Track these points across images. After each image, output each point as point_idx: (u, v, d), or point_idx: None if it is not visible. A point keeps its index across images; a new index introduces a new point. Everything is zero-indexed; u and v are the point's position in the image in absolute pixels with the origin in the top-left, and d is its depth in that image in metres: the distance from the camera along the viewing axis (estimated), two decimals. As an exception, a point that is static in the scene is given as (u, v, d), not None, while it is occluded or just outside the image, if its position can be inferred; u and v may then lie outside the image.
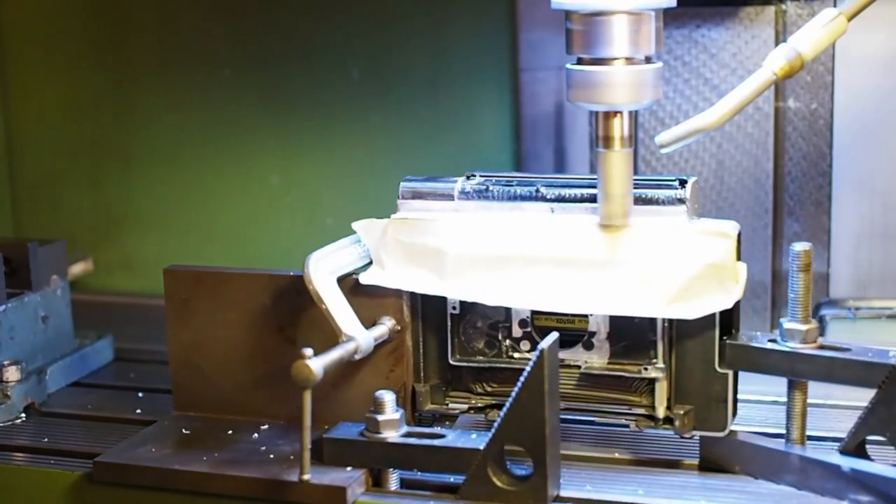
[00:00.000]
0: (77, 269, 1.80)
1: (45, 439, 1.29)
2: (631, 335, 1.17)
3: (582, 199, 1.18)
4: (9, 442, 1.29)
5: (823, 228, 1.57)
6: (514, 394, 1.08)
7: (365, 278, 1.20)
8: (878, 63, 1.51)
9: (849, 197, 1.57)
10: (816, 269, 1.57)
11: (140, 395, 1.41)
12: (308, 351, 1.07)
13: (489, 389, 1.23)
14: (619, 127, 1.13)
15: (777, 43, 1.48)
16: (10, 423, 1.34)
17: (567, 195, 1.18)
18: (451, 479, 1.14)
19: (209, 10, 1.79)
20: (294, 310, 1.23)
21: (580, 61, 1.13)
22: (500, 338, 1.21)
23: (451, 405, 1.23)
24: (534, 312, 1.19)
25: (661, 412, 1.17)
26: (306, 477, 1.09)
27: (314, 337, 1.22)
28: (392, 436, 1.13)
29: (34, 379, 1.37)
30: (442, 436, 1.13)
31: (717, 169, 1.53)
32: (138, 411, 1.36)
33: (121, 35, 1.83)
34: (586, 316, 1.18)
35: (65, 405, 1.39)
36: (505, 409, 1.09)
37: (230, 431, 1.24)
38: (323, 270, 1.16)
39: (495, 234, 1.18)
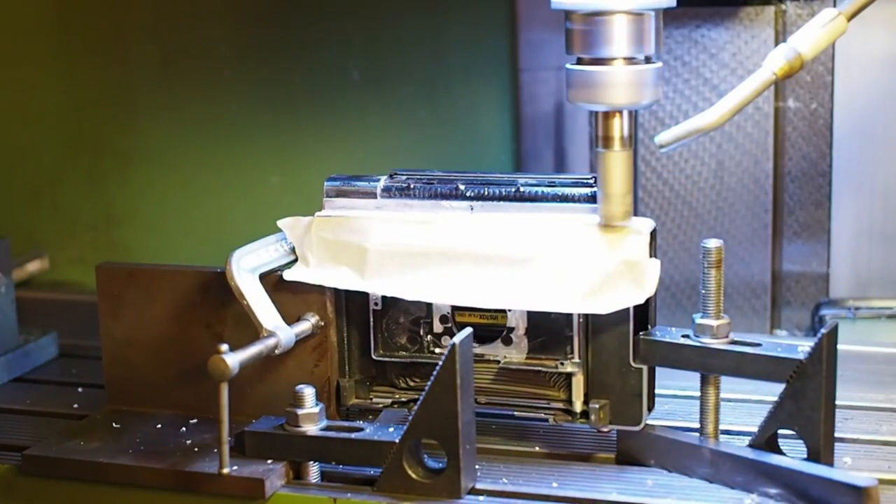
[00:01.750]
0: (33, 266, 1.83)
1: (-19, 433, 1.32)
2: (548, 331, 1.19)
3: (501, 198, 1.20)
4: (-56, 437, 1.32)
5: (823, 228, 1.58)
6: (426, 388, 1.10)
7: (289, 275, 1.22)
8: (878, 63, 1.52)
9: (849, 197, 1.59)
10: (816, 269, 1.58)
11: (80, 389, 1.43)
12: (224, 346, 1.09)
13: (412, 384, 1.25)
14: (619, 127, 1.14)
15: (777, 43, 1.49)
16: (-51, 417, 1.36)
17: (486, 193, 1.20)
18: (372, 472, 1.16)
19: (209, 10, 1.80)
20: (221, 305, 1.26)
21: (580, 61, 1.13)
22: (421, 333, 1.23)
23: (374, 400, 1.25)
24: (455, 309, 1.21)
25: (577, 406, 1.19)
26: (225, 470, 1.11)
27: (241, 332, 1.24)
28: (311, 429, 1.15)
29: (-27, 374, 1.40)
30: (360, 429, 1.15)
31: (717, 169, 1.54)
32: (75, 406, 1.38)
33: (121, 35, 1.84)
34: (505, 312, 1.20)
35: (5, 400, 1.41)
36: (419, 403, 1.11)
37: (159, 425, 1.26)
38: (244, 266, 1.19)
39: (416, 232, 1.20)
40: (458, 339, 1.09)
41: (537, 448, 1.22)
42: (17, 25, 1.69)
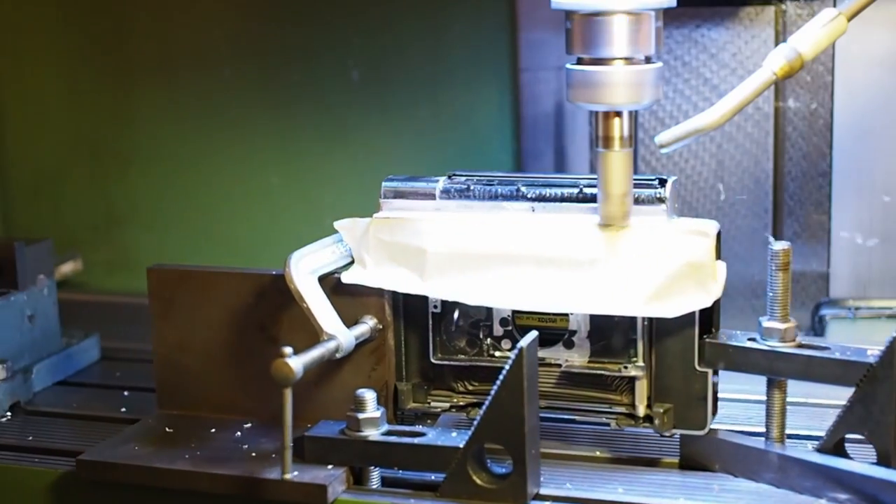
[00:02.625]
0: (67, 268, 1.81)
1: (30, 437, 1.30)
2: (611, 334, 1.18)
3: (562, 199, 1.18)
4: (-7, 440, 1.30)
5: (823, 228, 1.57)
6: (493, 392, 1.08)
7: (347, 277, 1.20)
8: (878, 63, 1.51)
9: (849, 197, 1.58)
10: (816, 269, 1.57)
11: (125, 393, 1.42)
12: (287, 349, 1.08)
13: (470, 388, 1.23)
14: (619, 127, 1.13)
15: (777, 43, 1.48)
16: (-6, 421, 1.35)
17: (547, 194, 1.18)
18: (432, 478, 1.15)
19: (209, 10, 1.79)
20: (277, 309, 1.24)
21: (580, 61, 1.13)
22: (481, 336, 1.21)
23: (432, 403, 1.24)
24: (515, 311, 1.20)
25: (641, 410, 1.17)
26: (287, 475, 1.09)
27: (297, 336, 1.22)
28: (372, 434, 1.14)
29: (20, 378, 1.38)
30: (422, 434, 1.14)
31: (717, 169, 1.53)
32: (123, 410, 1.36)
33: (121, 35, 1.83)
34: (567, 315, 1.19)
35: (50, 404, 1.40)
36: (484, 407, 1.09)
37: (213, 430, 1.24)
38: (304, 269, 1.17)
39: (476, 234, 1.18)
40: (524, 342, 1.07)
41: (598, 453, 1.21)
42: (18, 25, 1.67)
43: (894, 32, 1.50)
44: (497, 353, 1.21)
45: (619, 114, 1.13)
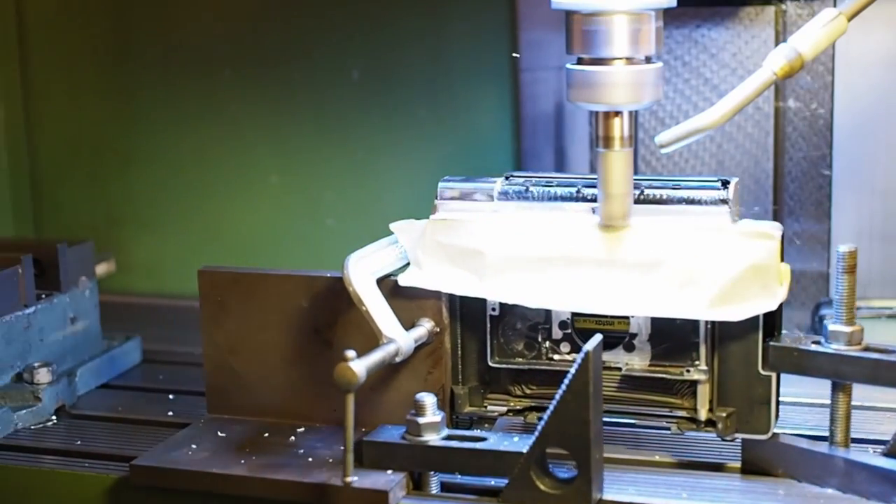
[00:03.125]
0: (101, 269, 1.79)
1: (78, 442, 1.28)
2: (673, 337, 1.16)
3: (623, 200, 1.17)
4: (41, 445, 1.28)
5: (823, 228, 1.56)
6: (558, 396, 1.07)
7: (404, 280, 1.19)
8: (878, 63, 1.51)
9: (849, 197, 1.57)
10: (816, 269, 1.57)
11: (171, 396, 1.40)
12: (351, 353, 1.06)
13: (528, 392, 1.22)
14: (619, 127, 1.13)
15: (777, 43, 1.47)
16: (41, 425, 1.33)
17: (608, 196, 1.17)
18: (493, 483, 1.13)
19: (209, 10, 1.78)
20: (331, 311, 1.22)
21: (580, 61, 1.13)
22: (539, 339, 1.20)
23: (489, 407, 1.22)
24: (574, 314, 1.18)
25: (703, 414, 1.16)
26: (349, 480, 1.08)
27: (351, 339, 1.21)
28: (433, 439, 1.12)
29: (64, 381, 1.36)
30: (483, 439, 1.12)
31: (717, 169, 1.53)
32: (170, 413, 1.35)
33: (121, 35, 1.82)
34: (627, 317, 1.17)
35: (95, 407, 1.38)
36: (549, 411, 1.08)
37: (266, 434, 1.23)
38: (362, 271, 1.15)
39: (535, 236, 1.17)
40: (590, 346, 1.06)
41: (657, 457, 1.19)
42: (18, 25, 1.66)
43: (894, 32, 1.50)
44: (556, 357, 1.20)
45: (619, 114, 1.13)
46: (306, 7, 1.73)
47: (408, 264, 1.21)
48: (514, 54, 1.61)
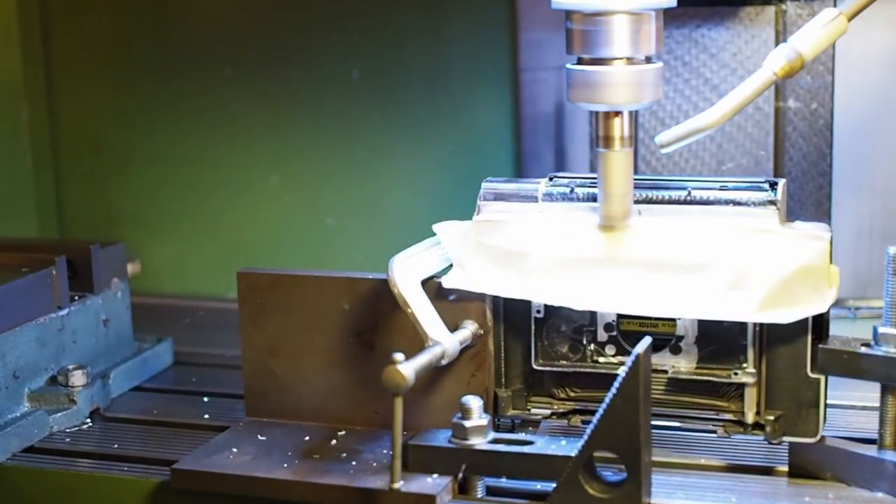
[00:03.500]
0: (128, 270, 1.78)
1: (115, 445, 1.27)
2: (720, 339, 1.15)
3: (670, 201, 1.16)
4: (78, 448, 1.27)
5: None
6: (608, 399, 1.06)
7: (448, 282, 1.17)
8: (878, 63, 1.50)
9: (849, 197, 1.56)
10: None
11: (205, 399, 1.39)
12: (399, 356, 1.05)
13: (572, 394, 1.21)
14: (620, 127, 1.13)
15: (777, 43, 1.47)
16: (76, 428, 1.31)
17: (655, 197, 1.16)
18: (538, 487, 1.12)
19: (209, 9, 1.77)
20: (372, 313, 1.21)
21: (580, 61, 1.13)
22: (584, 342, 1.19)
23: (532, 410, 1.21)
24: (619, 316, 1.17)
25: (750, 418, 1.15)
26: (397, 485, 1.07)
27: (394, 341, 1.20)
28: (480, 442, 1.11)
29: (99, 383, 1.35)
30: (531, 442, 1.11)
31: (718, 169, 1.52)
32: (206, 416, 1.34)
33: (121, 35, 1.81)
34: (672, 320, 1.16)
35: (130, 410, 1.37)
36: (598, 415, 1.06)
37: (307, 438, 1.21)
38: (407, 273, 1.14)
39: (581, 237, 1.16)
40: (640, 349, 1.05)
41: (702, 460, 1.18)
42: (17, 25, 1.65)
43: (894, 32, 1.49)
44: (601, 359, 1.19)
45: (619, 114, 1.13)
46: (306, 7, 1.72)
47: (450, 266, 1.20)
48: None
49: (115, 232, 1.87)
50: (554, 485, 1.10)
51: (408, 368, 1.05)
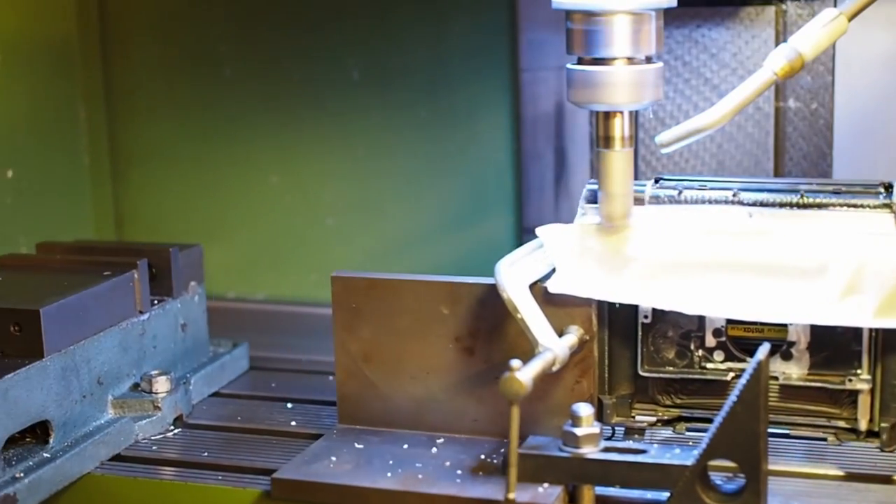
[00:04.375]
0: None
1: (205, 453, 1.24)
2: (833, 345, 1.13)
3: (782, 204, 1.13)
4: (166, 456, 1.24)
5: None
6: (727, 407, 1.03)
7: (553, 286, 1.15)
8: (878, 63, 1.48)
9: None
10: None
11: (289, 405, 1.36)
12: (517, 363, 1.02)
13: (678, 402, 1.18)
14: (620, 127, 1.13)
15: (777, 43, 1.45)
16: (160, 436, 1.28)
17: (766, 200, 1.14)
18: (648, 496, 1.10)
19: (209, 9, 1.75)
20: (473, 319, 1.19)
21: (580, 61, 1.12)
22: (691, 348, 1.16)
23: (637, 417, 1.19)
24: (728, 322, 1.15)
25: (863, 425, 1.13)
26: (512, 496, 1.04)
27: (495, 348, 1.18)
28: (591, 451, 1.09)
29: (182, 389, 1.32)
30: (643, 451, 1.09)
31: (718, 169, 1.50)
32: (293, 423, 1.31)
33: (121, 35, 1.78)
34: (783, 325, 1.14)
35: (214, 417, 1.34)
36: (716, 422, 1.04)
37: (405, 446, 1.19)
38: (515, 278, 1.12)
39: (690, 241, 1.13)
40: (761, 355, 1.03)
41: (815, 469, 1.16)
42: (17, 24, 1.63)
43: (894, 32, 1.47)
44: (709, 366, 1.16)
45: (619, 114, 1.13)
46: (306, 6, 1.70)
47: (553, 270, 1.17)
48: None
49: (115, 232, 1.85)
50: (667, 494, 1.08)
51: (526, 376, 1.02)
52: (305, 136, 1.75)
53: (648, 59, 1.12)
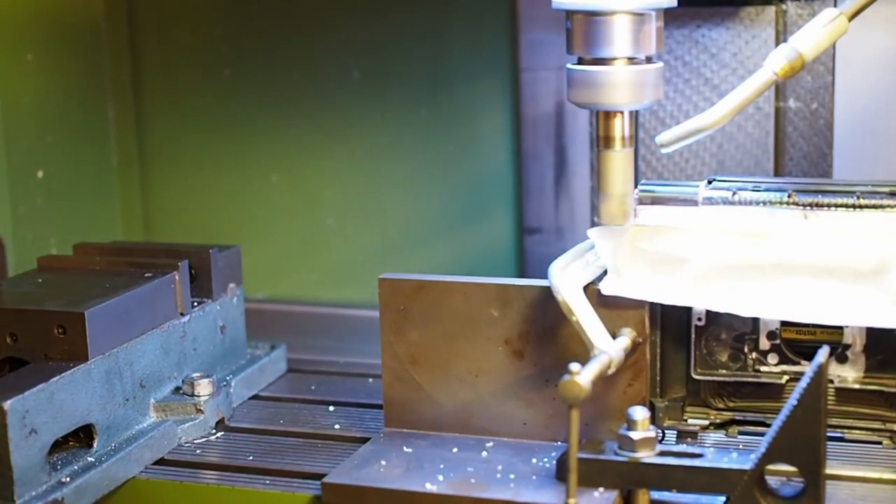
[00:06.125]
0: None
1: (250, 457, 1.23)
2: (890, 348, 1.12)
3: (839, 206, 1.12)
4: (210, 460, 1.22)
5: None
6: (786, 410, 1.02)
7: (606, 288, 1.14)
8: (879, 63, 1.48)
9: None
10: None
11: (331, 408, 1.35)
12: (576, 366, 1.01)
13: (731, 405, 1.17)
14: (620, 127, 1.14)
15: (777, 43, 1.45)
16: (203, 439, 1.27)
17: (822, 201, 1.13)
18: (703, 500, 1.09)
19: (209, 10, 1.74)
20: (523, 321, 1.18)
21: (581, 61, 1.13)
22: (745, 350, 1.15)
23: (689, 421, 1.18)
24: (783, 324, 1.14)
25: (919, 429, 1.12)
26: (573, 501, 1.03)
27: (545, 351, 1.17)
28: (647, 455, 1.07)
29: (223, 392, 1.31)
30: (699, 455, 1.08)
31: (718, 169, 1.50)
32: (336, 427, 1.29)
33: (121, 35, 1.77)
34: (839, 328, 1.13)
35: (255, 420, 1.32)
36: (776, 427, 1.03)
37: (455, 449, 1.17)
38: (569, 280, 1.10)
39: (745, 242, 1.12)
40: (822, 358, 1.01)
41: (871, 473, 1.14)
42: (16, 24, 1.62)
43: (894, 32, 1.46)
44: (763, 368, 1.15)
45: (619, 114, 1.13)
46: (307, 6, 1.69)
47: (605, 272, 1.16)
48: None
49: (115, 232, 1.84)
50: (724, 498, 1.07)
51: (585, 379, 1.01)
52: (305, 136, 1.74)
53: (649, 60, 1.12)
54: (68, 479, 1.13)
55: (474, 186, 1.66)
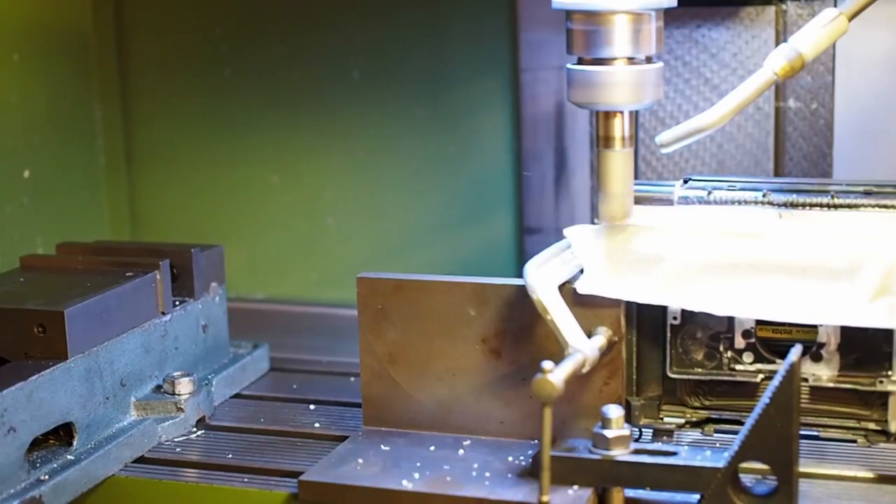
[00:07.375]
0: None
1: (230, 455, 1.23)
2: (864, 346, 1.12)
3: (813, 205, 1.13)
4: (190, 458, 1.23)
5: None
6: (759, 409, 1.03)
7: (582, 287, 1.14)
8: (879, 63, 1.48)
9: None
10: None
11: (311, 407, 1.35)
12: (549, 364, 1.02)
13: (706, 403, 1.18)
14: (620, 127, 1.13)
15: (777, 43, 1.45)
16: (184, 438, 1.28)
17: (796, 201, 1.13)
18: (678, 498, 1.09)
19: (209, 10, 1.75)
20: (499, 320, 1.18)
21: (581, 61, 1.13)
22: (721, 349, 1.16)
23: (665, 419, 1.18)
24: (758, 323, 1.14)
25: (893, 427, 1.12)
26: (546, 499, 1.03)
27: (521, 350, 1.18)
28: (621, 453, 1.08)
29: (204, 391, 1.31)
30: (674, 453, 1.08)
31: (718, 169, 1.50)
32: (316, 425, 1.30)
33: (121, 35, 1.78)
34: (813, 326, 1.13)
35: (236, 418, 1.33)
36: (748, 424, 1.04)
37: (432, 448, 1.18)
38: (545, 279, 1.11)
39: (720, 242, 1.13)
40: (794, 356, 1.02)
41: (845, 471, 1.15)
42: (2, 24, 1.62)
43: (894, 32, 1.47)
44: (738, 367, 1.15)
45: (619, 114, 1.13)
46: (306, 6, 1.70)
47: (582, 271, 1.17)
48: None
49: (115, 232, 1.84)
50: (697, 497, 1.07)
51: (558, 377, 1.02)
52: (305, 136, 1.74)
53: (649, 60, 1.12)
54: (47, 476, 1.14)
55: (474, 186, 1.67)
